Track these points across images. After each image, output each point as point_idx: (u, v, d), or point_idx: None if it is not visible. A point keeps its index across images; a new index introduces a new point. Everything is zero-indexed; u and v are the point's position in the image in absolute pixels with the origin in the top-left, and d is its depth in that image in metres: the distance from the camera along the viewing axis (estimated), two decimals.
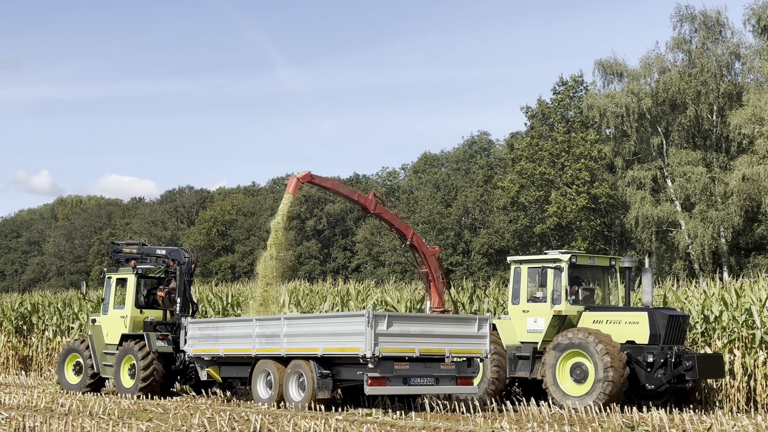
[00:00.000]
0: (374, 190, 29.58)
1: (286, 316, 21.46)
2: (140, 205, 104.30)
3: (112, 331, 24.88)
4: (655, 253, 48.96)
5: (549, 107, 54.88)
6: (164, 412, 18.45)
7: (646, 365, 20.49)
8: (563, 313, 21.52)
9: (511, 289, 22.73)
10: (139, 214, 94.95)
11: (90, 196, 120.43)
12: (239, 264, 79.46)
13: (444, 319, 21.18)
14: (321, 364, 19.20)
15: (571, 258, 21.69)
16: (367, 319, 18.32)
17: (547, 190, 52.02)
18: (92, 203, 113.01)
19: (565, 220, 51.05)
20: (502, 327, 22.20)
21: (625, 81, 50.98)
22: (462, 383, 19.64)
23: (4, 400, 20.76)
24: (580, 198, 50.02)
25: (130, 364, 23.99)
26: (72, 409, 18.74)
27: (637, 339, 20.82)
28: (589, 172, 50.55)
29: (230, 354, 21.49)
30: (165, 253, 25.24)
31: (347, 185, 29.31)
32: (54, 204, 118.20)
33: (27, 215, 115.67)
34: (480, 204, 63.15)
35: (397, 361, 18.71)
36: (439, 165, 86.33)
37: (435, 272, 25.47)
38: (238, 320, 23.57)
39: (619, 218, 51.02)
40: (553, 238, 54.21)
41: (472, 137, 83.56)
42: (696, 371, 20.18)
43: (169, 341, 23.91)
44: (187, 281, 24.68)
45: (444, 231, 63.17)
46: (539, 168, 51.90)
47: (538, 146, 52.89)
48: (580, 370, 20.61)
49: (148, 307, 25.16)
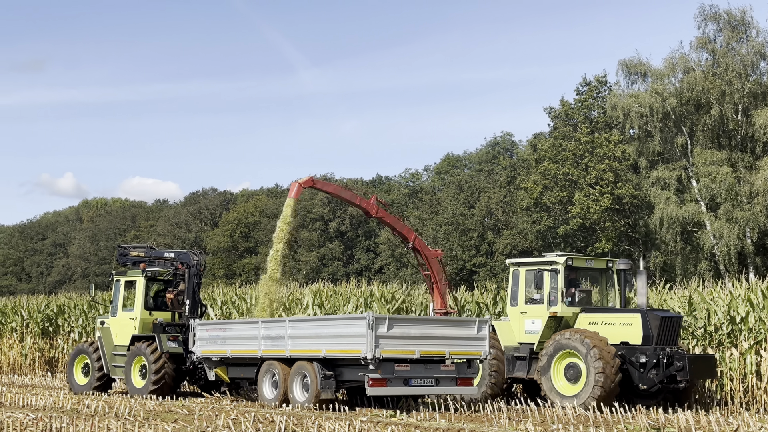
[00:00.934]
0: (376, 194, 29.99)
1: (290, 319, 21.89)
2: (164, 207, 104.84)
3: (121, 332, 25.24)
4: (680, 253, 48.67)
5: (572, 108, 54.72)
6: (189, 413, 18.52)
7: (639, 366, 20.80)
8: (559, 314, 21.98)
9: (510, 291, 23.22)
10: (163, 216, 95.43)
11: (114, 199, 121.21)
12: (263, 266, 79.60)
13: (444, 321, 21.73)
14: (324, 366, 19.68)
15: (567, 260, 22.14)
16: (368, 322, 18.80)
17: (570, 191, 51.86)
18: (116, 205, 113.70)
19: (588, 221, 50.87)
20: (500, 328, 22.65)
21: (649, 81, 50.71)
22: (462, 384, 20.04)
23: (30, 402, 20.92)
24: (603, 199, 49.83)
25: (140, 364, 24.35)
26: (98, 411, 18.85)
27: (630, 340, 21.16)
28: (612, 173, 50.36)
29: (237, 355, 22.02)
30: (173, 256, 25.61)
31: (349, 190, 29.91)
32: (79, 206, 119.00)
33: (52, 218, 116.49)
34: (503, 205, 63.02)
35: (398, 363, 19.14)
36: (462, 166, 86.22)
37: (437, 275, 25.86)
38: (245, 322, 24.06)
39: (643, 219, 50.79)
40: (577, 238, 54.02)
41: (495, 138, 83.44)
42: (687, 372, 20.48)
43: (179, 342, 24.28)
44: (195, 283, 25.03)
45: (467, 232, 63.08)
46: (563, 169, 51.74)
47: (561, 147, 52.73)
48: (573, 371, 21.00)
49: (157, 309, 25.50)
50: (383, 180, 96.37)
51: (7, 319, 39.86)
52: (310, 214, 79.19)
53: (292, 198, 24.89)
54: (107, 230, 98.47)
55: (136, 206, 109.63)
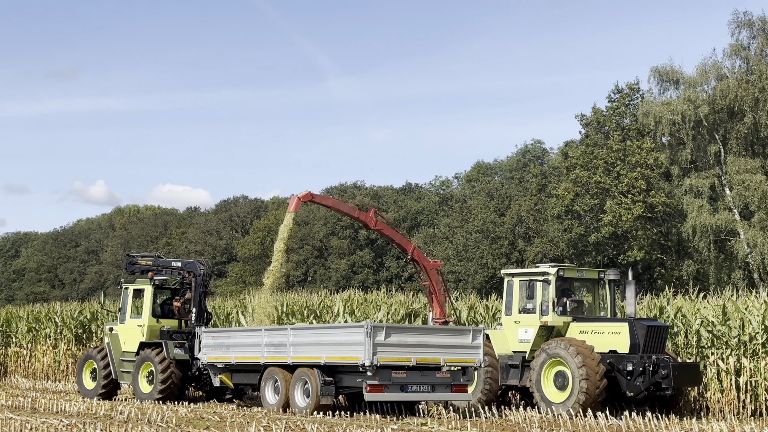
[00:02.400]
0: (375, 207, 30.90)
1: (292, 327, 22.57)
2: (195, 215, 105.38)
3: (129, 339, 25.97)
4: (714, 262, 48.24)
5: (604, 115, 54.46)
6: (221, 420, 18.60)
7: (626, 373, 21.40)
8: (549, 323, 22.70)
9: (504, 300, 23.98)
10: (195, 224, 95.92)
11: (147, 206, 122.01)
12: (293, 273, 79.82)
13: (439, 330, 22.51)
14: (324, 372, 20.36)
15: (559, 271, 22.85)
16: (366, 330, 19.46)
17: (602, 199, 51.58)
18: (148, 213, 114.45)
19: (620, 229, 50.54)
20: (495, 337, 23.42)
21: (681, 88, 50.37)
22: (457, 390, 20.67)
23: (64, 408, 21.10)
24: (635, 207, 49.51)
25: (148, 370, 25.06)
26: (131, 417, 18.98)
27: (618, 348, 21.74)
28: (645, 181, 50.04)
29: (241, 362, 22.68)
30: (180, 265, 26.37)
31: (347, 203, 30.42)
32: (111, 214, 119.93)
33: (85, 225, 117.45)
34: (534, 213, 62.79)
35: (395, 370, 19.81)
36: (493, 174, 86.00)
37: (436, 285, 26.57)
38: (248, 330, 24.64)
39: (675, 227, 50.39)
40: (608, 247, 53.69)
41: (525, 146, 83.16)
42: (671, 379, 21.09)
43: (186, 349, 24.99)
44: (202, 292, 25.84)
45: (497, 240, 62.90)
46: (594, 176, 51.48)
47: (592, 154, 52.48)
48: (561, 378, 21.64)
49: (164, 316, 26.26)
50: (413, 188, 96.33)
51: (41, 326, 40.23)
52: (341, 221, 79.28)
53: (291, 212, 25.63)
54: (139, 237, 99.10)
55: (167, 213, 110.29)
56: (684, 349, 24.77)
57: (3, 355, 41.41)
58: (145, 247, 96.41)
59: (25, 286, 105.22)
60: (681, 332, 24.91)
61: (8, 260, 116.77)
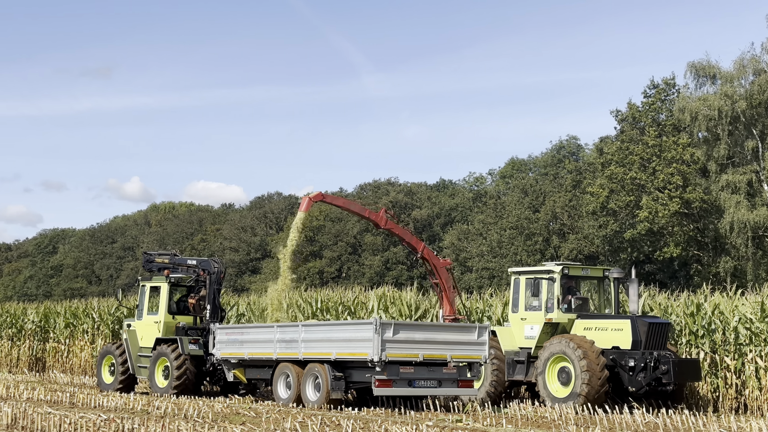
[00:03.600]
0: (385, 207, 31.55)
1: (303, 323, 23.26)
2: (230, 212, 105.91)
3: (146, 335, 26.85)
4: (751, 258, 47.72)
5: (640, 111, 54.03)
6: (257, 416, 18.68)
7: (628, 369, 21.93)
8: (554, 320, 23.25)
9: (511, 298, 24.58)
10: (229, 220, 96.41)
11: (182, 203, 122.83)
12: (327, 269, 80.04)
13: (446, 327, 22.88)
14: (335, 368, 20.94)
15: (564, 269, 23.42)
16: (375, 327, 20.03)
17: (637, 195, 51.18)
18: (183, 209, 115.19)
19: (656, 225, 50.13)
20: (501, 333, 24.03)
21: (718, 83, 49.81)
22: (463, 386, 21.21)
23: (102, 403, 21.31)
24: (672, 203, 49.07)
25: (164, 365, 25.89)
26: (167, 412, 19.12)
27: (621, 344, 22.27)
28: (681, 177, 49.57)
29: (254, 357, 23.41)
30: (195, 263, 27.12)
31: (357, 203, 31.43)
32: (147, 210, 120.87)
33: (121, 221, 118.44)
34: (568, 209, 62.44)
35: (403, 365, 20.38)
36: (527, 170, 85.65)
37: (446, 282, 27.04)
38: (261, 326, 25.01)
39: (713, 223, 49.88)
40: (644, 243, 53.28)
41: (560, 142, 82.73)
42: (672, 375, 21.56)
43: (200, 345, 25.76)
44: (216, 289, 26.59)
45: (532, 236, 62.63)
46: (630, 172, 51.10)
47: (628, 150, 52.09)
48: (565, 374, 22.19)
49: (180, 313, 27.08)
50: (447, 184, 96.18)
51: (78, 322, 40.64)
52: None
53: (303, 212, 26.40)
54: (175, 234, 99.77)
55: (202, 210, 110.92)
56: (722, 346, 24.55)
57: (41, 350, 41.92)
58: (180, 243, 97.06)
59: (63, 282, 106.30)
60: (719, 329, 24.68)
61: (46, 256, 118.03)
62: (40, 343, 42.14)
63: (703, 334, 24.84)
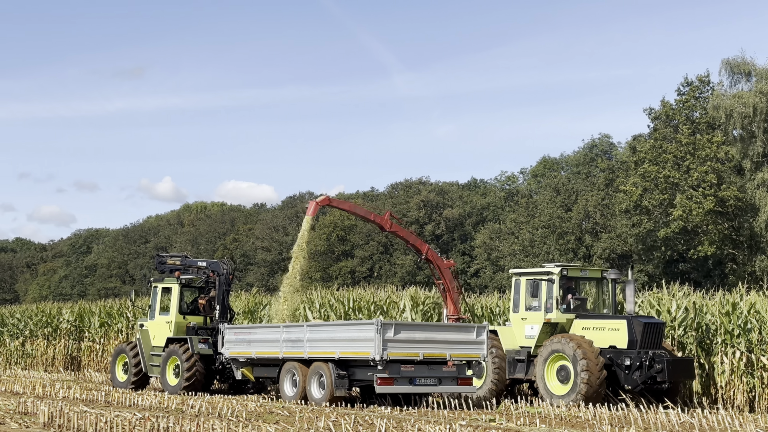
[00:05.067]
0: (390, 210, 32.00)
1: (308, 324, 23.75)
2: (262, 211, 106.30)
3: (158, 334, 27.62)
4: None
5: (673, 108, 53.59)
6: (290, 415, 18.74)
7: (624, 367, 22.46)
8: (553, 320, 23.83)
9: (512, 298, 25.16)
10: (261, 220, 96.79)
11: (214, 203, 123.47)
12: (359, 269, 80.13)
13: (445, 326, 23.62)
14: (338, 366, 21.58)
15: (562, 270, 23.97)
16: (377, 327, 20.70)
17: (671, 194, 50.78)
18: (216, 209, 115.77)
19: (690, 223, 49.71)
20: (503, 333, 24.68)
21: (753, 80, 49.36)
22: (462, 383, 21.85)
23: (136, 401, 21.48)
24: (706, 201, 48.63)
25: (174, 364, 26.61)
26: (201, 411, 19.23)
27: (617, 344, 22.89)
28: (715, 175, 49.12)
29: (261, 356, 24.03)
30: (205, 265, 27.84)
31: (363, 207, 32.27)
32: (180, 210, 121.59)
33: (155, 221, 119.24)
34: (601, 208, 62.07)
35: (404, 364, 21.03)
36: (559, 168, 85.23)
37: (450, 283, 27.65)
38: (268, 326, 25.83)
39: (748, 221, 49.38)
40: (678, 242, 52.85)
41: (592, 140, 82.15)
42: (666, 373, 22.09)
43: (210, 344, 26.46)
44: (225, 290, 27.27)
45: (564, 235, 62.35)
46: (663, 171, 50.71)
47: (661, 148, 51.69)
48: (564, 372, 22.75)
49: (190, 313, 27.87)
50: (478, 183, 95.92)
51: (113, 321, 40.98)
52: (406, 217, 79.28)
53: (310, 216, 27.08)
54: (207, 234, 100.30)
55: (234, 210, 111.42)
56: (758, 346, 24.32)
57: (76, 349, 42.33)
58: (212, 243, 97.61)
59: (97, 282, 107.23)
60: (755, 329, 24.45)
61: (80, 256, 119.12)
62: (75, 342, 42.55)
63: (738, 333, 24.63)
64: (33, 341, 44.86)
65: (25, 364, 44.29)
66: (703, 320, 25.32)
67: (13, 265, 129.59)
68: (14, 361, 45.48)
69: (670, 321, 25.36)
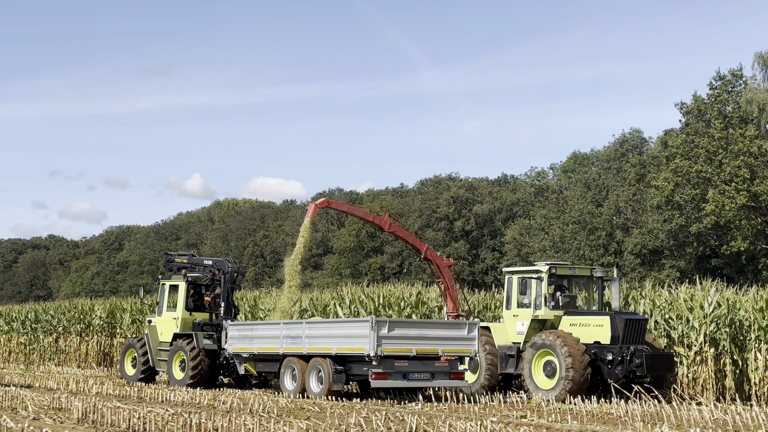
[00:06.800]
0: (389, 211, 32.83)
1: (307, 321, 24.49)
2: (291, 208, 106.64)
3: (166, 330, 28.47)
4: None
5: (705, 103, 53.14)
6: (321, 411, 18.80)
7: (607, 362, 23.10)
8: (540, 317, 24.56)
9: (504, 296, 25.96)
10: (291, 216, 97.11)
11: (244, 200, 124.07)
12: (388, 265, 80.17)
13: (438, 323, 24.79)
14: (336, 362, 22.35)
15: (551, 269, 24.65)
16: (371, 324, 21.44)
17: (703, 189, 50.36)
18: (246, 206, 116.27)
19: (723, 219, 49.29)
20: (495, 329, 25.33)
21: None
22: (454, 378, 22.56)
23: (169, 397, 21.63)
24: (739, 196, 48.19)
25: (180, 359, 27.45)
26: (233, 407, 19.33)
27: (601, 339, 23.50)
28: (748, 169, 48.67)
29: (263, 352, 24.84)
30: (211, 263, 28.56)
31: (362, 209, 32.68)
32: (210, 207, 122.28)
33: (185, 218, 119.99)
34: (632, 203, 61.70)
35: (398, 360, 21.76)
36: (590, 164, 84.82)
37: (449, 281, 28.30)
38: (269, 323, 26.51)
39: None
40: (711, 237, 52.42)
41: (623, 135, 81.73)
42: (644, 368, 22.69)
43: (214, 340, 27.23)
44: (230, 288, 28.02)
45: (595, 231, 62.05)
46: (695, 166, 50.30)
47: (693, 143, 51.29)
48: (550, 367, 23.33)
49: (196, 310, 28.61)
50: (509, 179, 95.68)
51: (144, 317, 41.21)
52: (435, 213, 79.20)
53: (309, 217, 27.40)
54: (237, 230, 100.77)
55: (264, 206, 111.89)
56: None
57: (109, 345, 42.64)
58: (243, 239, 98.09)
59: (129, 278, 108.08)
60: None
61: (112, 253, 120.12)
62: (108, 338, 42.87)
63: None
64: (66, 337, 45.26)
65: (59, 360, 44.70)
66: (737, 316, 25.10)
67: (46, 262, 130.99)
68: (48, 357, 45.91)
69: (702, 317, 25.17)
